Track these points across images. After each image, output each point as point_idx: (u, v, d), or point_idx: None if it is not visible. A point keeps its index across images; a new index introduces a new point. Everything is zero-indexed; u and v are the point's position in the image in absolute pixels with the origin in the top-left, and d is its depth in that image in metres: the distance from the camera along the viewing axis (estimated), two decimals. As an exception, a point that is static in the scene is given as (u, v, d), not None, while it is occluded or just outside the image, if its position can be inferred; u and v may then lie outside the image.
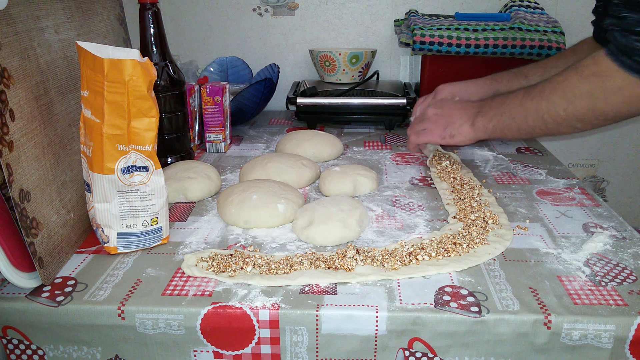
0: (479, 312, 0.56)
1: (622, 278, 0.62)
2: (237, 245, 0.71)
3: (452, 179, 0.89)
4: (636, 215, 1.53)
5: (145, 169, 0.66)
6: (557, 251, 0.69)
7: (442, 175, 0.91)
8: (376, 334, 0.57)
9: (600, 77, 0.68)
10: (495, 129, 0.83)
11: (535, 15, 1.24)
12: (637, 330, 0.55)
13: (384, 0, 1.38)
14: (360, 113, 1.20)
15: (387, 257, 0.65)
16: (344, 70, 1.29)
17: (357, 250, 0.67)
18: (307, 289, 0.61)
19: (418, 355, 0.58)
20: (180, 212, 0.81)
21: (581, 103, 0.71)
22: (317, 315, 0.57)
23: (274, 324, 0.57)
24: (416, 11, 1.32)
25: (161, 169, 0.67)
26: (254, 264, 0.64)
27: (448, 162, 0.95)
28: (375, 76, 1.34)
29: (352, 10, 1.39)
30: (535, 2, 1.31)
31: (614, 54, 0.67)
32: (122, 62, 0.61)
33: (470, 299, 0.59)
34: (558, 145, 1.49)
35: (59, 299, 0.59)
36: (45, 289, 0.61)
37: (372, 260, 0.65)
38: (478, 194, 0.83)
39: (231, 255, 0.66)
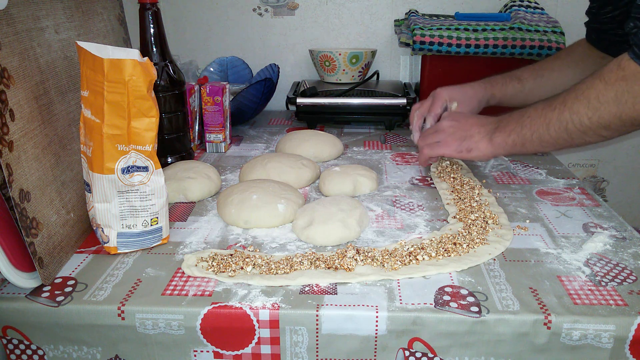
0: (479, 312, 0.56)
1: (622, 278, 0.62)
2: (237, 245, 0.71)
3: (452, 179, 0.89)
4: (636, 215, 1.53)
5: (145, 169, 0.66)
6: (557, 251, 0.69)
7: (442, 175, 0.91)
8: (376, 334, 0.57)
9: (627, 82, 0.66)
10: (515, 143, 0.79)
11: (535, 15, 1.24)
12: (637, 330, 0.55)
13: (384, 0, 1.38)
14: (360, 113, 1.20)
15: (387, 257, 0.65)
16: (344, 70, 1.29)
17: (357, 250, 0.67)
18: (307, 289, 0.61)
19: (418, 355, 0.58)
20: (180, 212, 0.81)
21: (607, 110, 0.68)
22: (317, 315, 0.57)
23: (274, 324, 0.57)
24: (416, 11, 1.32)
25: (161, 169, 0.67)
26: (254, 264, 0.64)
27: (448, 162, 0.95)
28: (375, 76, 1.34)
29: (352, 10, 1.39)
30: (535, 2, 1.31)
31: (639, 57, 0.65)
32: (122, 62, 0.61)
33: (470, 299, 0.59)
34: (558, 145, 1.49)
35: (59, 299, 0.59)
36: (45, 289, 0.61)
37: (372, 260, 0.65)
38: (478, 194, 0.83)
39: (231, 255, 0.66)
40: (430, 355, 0.58)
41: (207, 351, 0.59)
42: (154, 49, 0.90)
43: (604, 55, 0.93)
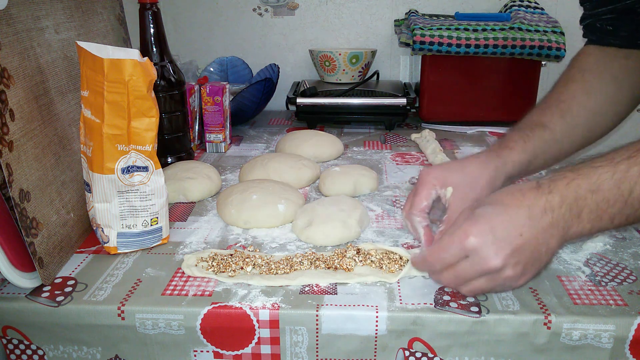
0: (479, 312, 0.56)
1: (622, 278, 0.62)
2: (237, 245, 0.71)
3: None
4: (636, 215, 1.53)
5: (145, 169, 0.66)
6: (557, 251, 0.68)
7: None
8: (376, 334, 0.57)
9: None
10: (600, 228, 0.54)
11: (535, 15, 1.24)
12: (637, 330, 0.55)
13: (384, 0, 1.38)
14: (360, 113, 1.20)
15: (385, 259, 0.65)
16: (344, 70, 1.29)
17: (357, 250, 0.66)
18: (307, 289, 0.61)
19: (418, 355, 0.58)
20: (180, 212, 0.81)
21: None
22: (317, 315, 0.57)
23: (274, 324, 0.57)
24: (416, 11, 1.32)
25: (161, 169, 0.67)
26: (254, 264, 0.64)
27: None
28: (375, 76, 1.34)
29: (352, 10, 1.39)
30: (535, 2, 1.31)
31: None
32: (122, 62, 0.61)
33: (470, 299, 0.59)
34: (558, 145, 1.49)
35: (59, 299, 0.59)
36: (45, 289, 0.61)
37: (372, 262, 0.65)
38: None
39: (231, 255, 0.66)
40: (430, 355, 0.58)
41: (207, 351, 0.59)
42: (154, 49, 0.90)
43: (627, 54, 0.73)
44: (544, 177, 0.56)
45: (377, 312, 0.57)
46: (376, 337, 0.57)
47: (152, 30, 0.90)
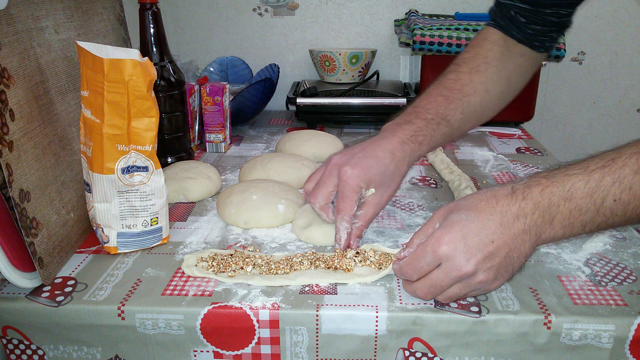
0: (479, 312, 0.56)
1: (622, 278, 0.62)
2: (237, 245, 0.71)
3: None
4: (636, 215, 1.53)
5: (145, 169, 0.66)
6: (557, 251, 0.69)
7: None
8: (376, 334, 0.57)
9: None
10: (586, 229, 0.55)
11: (535, 15, 1.24)
12: (637, 330, 0.55)
13: (384, 0, 1.38)
14: (360, 113, 1.20)
15: (385, 261, 0.65)
16: (344, 70, 1.29)
17: (356, 252, 0.66)
18: (307, 289, 0.61)
19: (418, 355, 0.58)
20: (180, 212, 0.81)
21: None
22: (317, 315, 0.57)
23: (274, 324, 0.57)
24: (416, 11, 1.32)
25: (161, 169, 0.67)
26: (254, 264, 0.64)
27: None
28: (375, 76, 1.34)
29: (352, 10, 1.39)
30: (535, 2, 1.30)
31: None
32: (122, 62, 0.61)
33: (470, 299, 0.59)
34: (558, 145, 1.49)
35: (59, 299, 0.59)
36: (45, 289, 0.61)
37: (371, 263, 0.65)
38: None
39: (231, 255, 0.66)
40: (430, 355, 0.58)
41: (207, 351, 0.59)
42: (154, 49, 0.90)
43: (522, 52, 0.76)
44: (519, 183, 0.56)
45: (377, 312, 0.57)
46: (376, 337, 0.57)
47: (152, 30, 0.90)
